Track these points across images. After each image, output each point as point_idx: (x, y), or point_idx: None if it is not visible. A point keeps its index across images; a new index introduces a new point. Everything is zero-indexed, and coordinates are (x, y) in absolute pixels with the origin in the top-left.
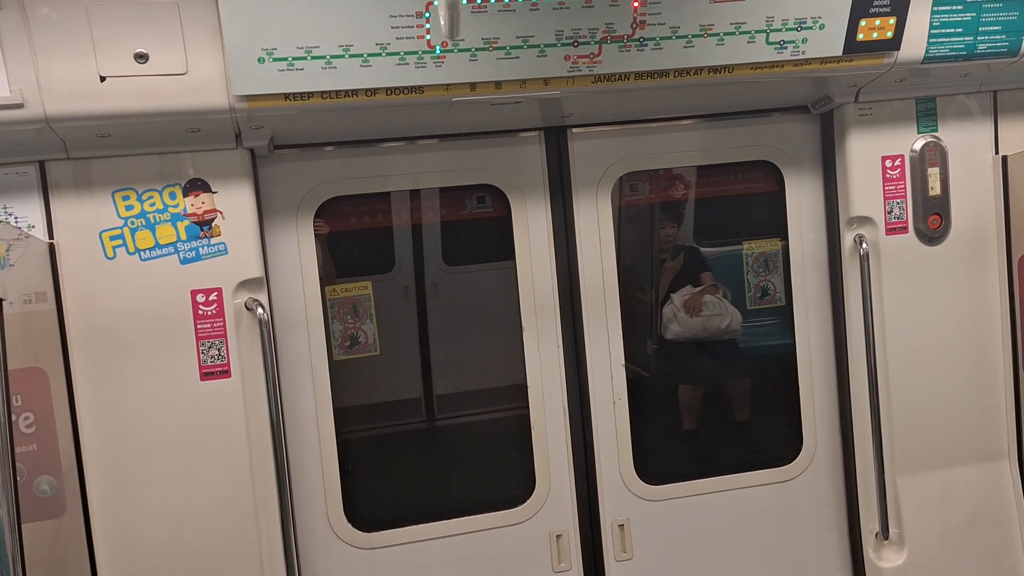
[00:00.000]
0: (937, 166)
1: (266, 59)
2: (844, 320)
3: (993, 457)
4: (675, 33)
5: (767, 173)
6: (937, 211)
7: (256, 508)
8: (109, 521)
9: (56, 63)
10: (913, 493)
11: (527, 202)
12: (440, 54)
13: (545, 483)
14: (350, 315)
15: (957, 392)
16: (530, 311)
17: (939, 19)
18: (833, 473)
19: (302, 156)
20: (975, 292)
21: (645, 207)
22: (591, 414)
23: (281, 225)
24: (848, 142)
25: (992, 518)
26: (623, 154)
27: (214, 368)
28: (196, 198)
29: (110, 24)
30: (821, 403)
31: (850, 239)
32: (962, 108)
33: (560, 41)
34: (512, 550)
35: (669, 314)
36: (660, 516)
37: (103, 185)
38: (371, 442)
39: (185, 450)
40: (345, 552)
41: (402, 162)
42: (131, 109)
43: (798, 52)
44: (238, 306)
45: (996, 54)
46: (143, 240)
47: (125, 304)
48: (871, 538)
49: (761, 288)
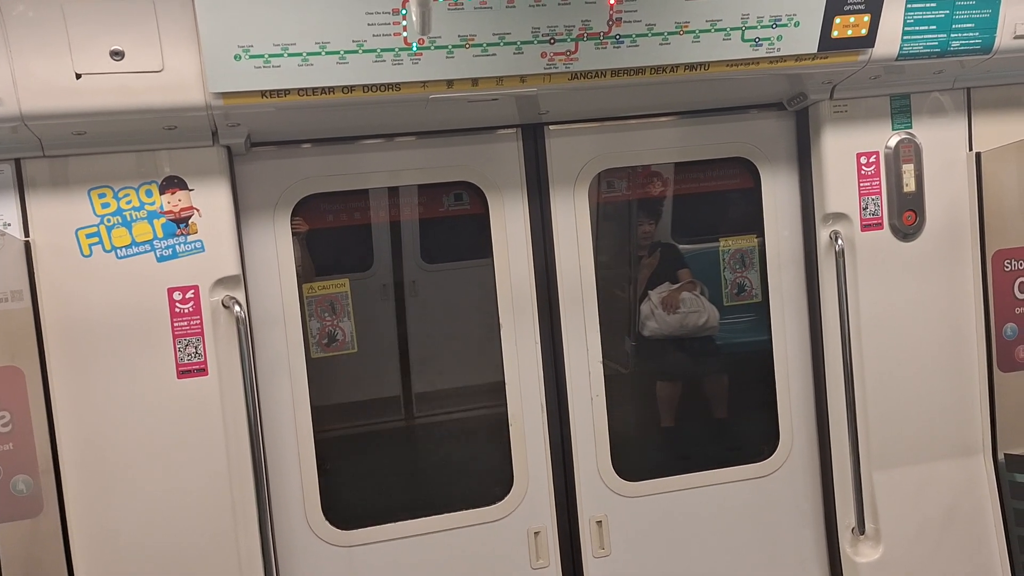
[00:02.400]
0: (912, 163)
1: (242, 56)
2: (820, 316)
3: (968, 452)
4: (651, 30)
5: (743, 170)
6: (912, 207)
7: (233, 506)
8: (86, 520)
9: (32, 60)
10: (889, 488)
11: (504, 199)
12: (417, 51)
13: (523, 480)
14: (328, 312)
15: (932, 388)
16: (508, 308)
17: (913, 16)
18: (810, 469)
19: (279, 154)
20: (950, 288)
21: (623, 204)
22: (569, 411)
23: (258, 223)
24: (823, 139)
25: (967, 513)
26: (600, 151)
27: (191, 366)
28: (173, 195)
29: (86, 21)
30: (798, 399)
31: (826, 235)
32: (936, 105)
33: (537, 38)
34: (490, 547)
35: (647, 311)
36: (638, 512)
37: (79, 183)
38: (349, 440)
39: (162, 448)
40: (323, 550)
41: (379, 159)
42: (107, 106)
43: (773, 49)
44: (215, 304)
45: (969, 51)
46: (119, 238)
47: (102, 302)
48: (847, 533)
49: (738, 284)
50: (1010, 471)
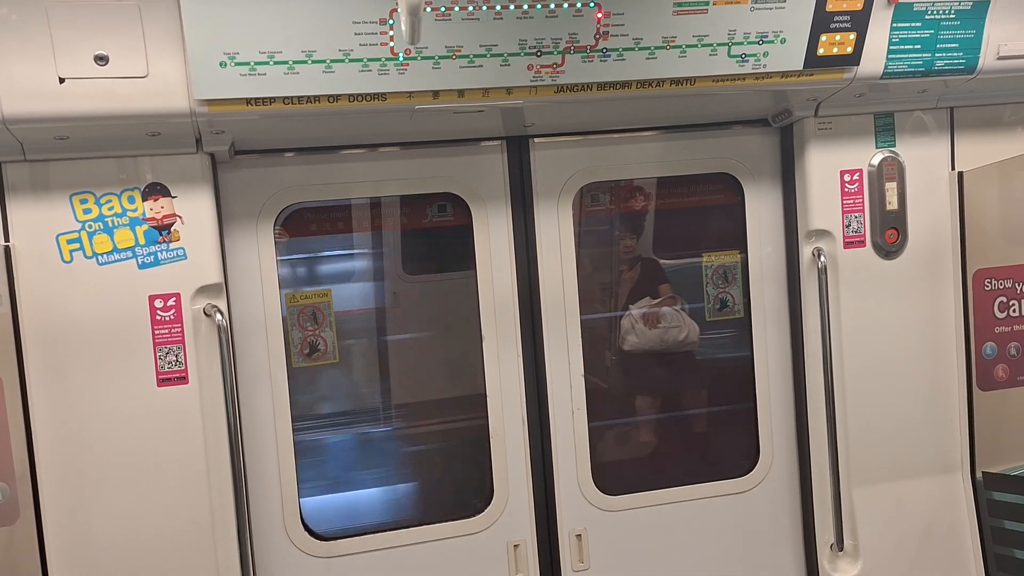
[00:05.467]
0: (895, 181)
1: (228, 63)
2: (802, 332)
3: (947, 470)
4: (638, 44)
5: (727, 185)
6: (894, 225)
7: (212, 515)
8: (62, 529)
9: (14, 64)
10: (868, 505)
11: (488, 211)
12: (403, 61)
13: (503, 493)
14: (310, 322)
15: (912, 405)
16: (490, 320)
17: (898, 35)
18: (789, 484)
19: (263, 162)
20: (931, 306)
21: (605, 217)
22: (550, 424)
23: (241, 231)
24: (807, 156)
25: (945, 530)
26: (585, 164)
27: (171, 374)
28: (155, 202)
29: (70, 26)
30: (778, 415)
31: (808, 252)
32: (920, 124)
33: (523, 51)
34: (469, 559)
35: (627, 325)
36: (617, 526)
37: (61, 188)
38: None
39: (141, 457)
40: (302, 561)
41: (364, 169)
42: (90, 111)
43: (759, 65)
44: (196, 312)
45: (953, 71)
46: (101, 244)
47: (82, 308)
48: (826, 549)
49: (720, 300)
50: (988, 489)
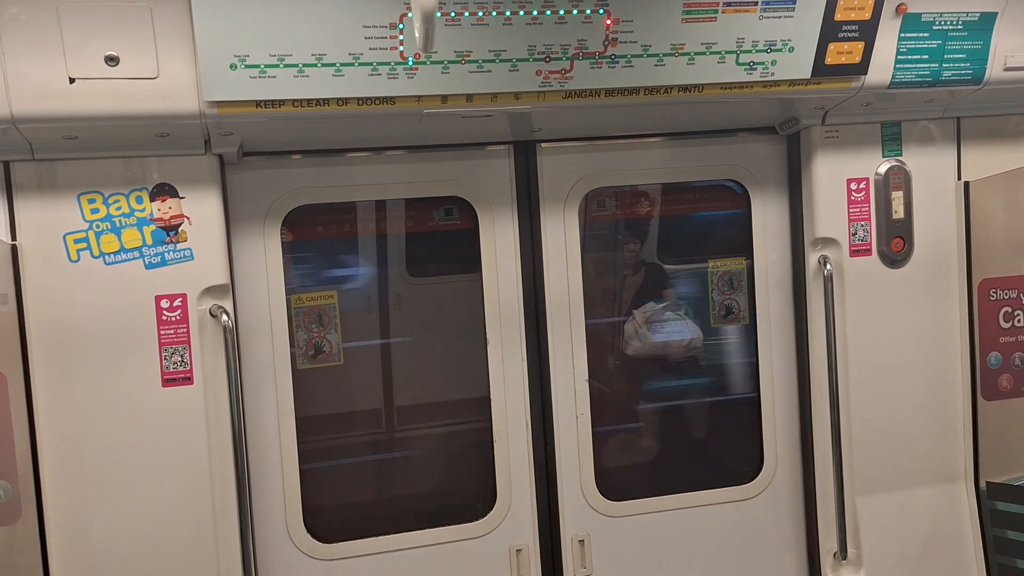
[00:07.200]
0: (901, 190)
1: (238, 66)
2: (807, 340)
3: (951, 479)
4: (646, 51)
5: (733, 192)
6: (900, 234)
7: (215, 517)
8: (65, 528)
9: (24, 64)
10: (871, 513)
11: (494, 215)
12: (413, 66)
13: (506, 497)
14: (315, 324)
15: (916, 414)
16: (495, 324)
17: (906, 45)
18: (793, 492)
19: (271, 164)
20: (936, 315)
21: (611, 223)
22: (554, 428)
23: (248, 232)
24: (814, 164)
25: (948, 539)
26: (591, 170)
27: (176, 375)
28: (163, 203)
29: (81, 26)
30: (782, 422)
31: (814, 260)
32: (926, 134)
33: (532, 56)
34: (472, 564)
35: (631, 330)
36: (620, 532)
37: (69, 187)
38: (332, 452)
39: (144, 457)
40: (304, 563)
41: (371, 172)
42: (100, 112)
43: (767, 73)
44: (202, 312)
45: (960, 81)
46: (108, 244)
47: (88, 308)
48: (829, 557)
49: (725, 306)
50: (991, 499)
